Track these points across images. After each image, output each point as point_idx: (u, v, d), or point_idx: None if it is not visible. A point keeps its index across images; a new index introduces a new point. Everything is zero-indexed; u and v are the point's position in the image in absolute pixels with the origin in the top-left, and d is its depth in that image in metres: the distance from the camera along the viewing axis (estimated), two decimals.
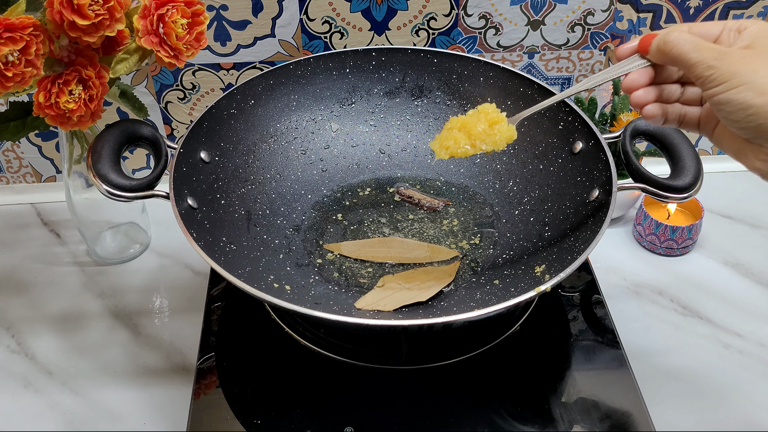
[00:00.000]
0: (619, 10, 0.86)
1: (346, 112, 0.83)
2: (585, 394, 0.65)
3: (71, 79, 0.61)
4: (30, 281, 0.85)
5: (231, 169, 0.74)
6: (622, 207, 0.90)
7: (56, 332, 0.78)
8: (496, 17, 0.86)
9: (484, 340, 0.69)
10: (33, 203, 0.96)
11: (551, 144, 0.75)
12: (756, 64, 0.47)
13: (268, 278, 0.67)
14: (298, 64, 0.80)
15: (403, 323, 0.55)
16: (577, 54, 0.90)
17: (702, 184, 0.65)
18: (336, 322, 0.55)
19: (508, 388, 0.66)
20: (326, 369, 0.67)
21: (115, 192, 0.63)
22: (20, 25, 0.56)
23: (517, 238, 0.73)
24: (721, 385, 0.71)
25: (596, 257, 0.84)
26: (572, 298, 0.75)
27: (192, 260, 0.86)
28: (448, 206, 0.79)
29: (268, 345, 0.70)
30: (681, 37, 0.51)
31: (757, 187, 0.97)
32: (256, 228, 0.73)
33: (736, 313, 0.78)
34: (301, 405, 0.64)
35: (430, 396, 0.65)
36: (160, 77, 0.89)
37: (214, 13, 0.83)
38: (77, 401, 0.71)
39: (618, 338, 0.70)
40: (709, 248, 0.87)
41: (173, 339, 0.76)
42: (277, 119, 0.79)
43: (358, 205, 0.79)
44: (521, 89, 0.77)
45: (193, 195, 0.67)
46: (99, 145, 0.65)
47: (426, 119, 0.83)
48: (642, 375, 0.69)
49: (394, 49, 0.81)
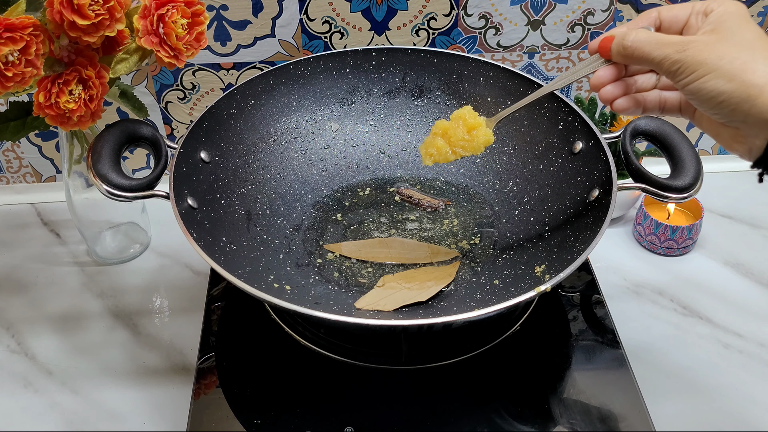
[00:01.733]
0: (619, 10, 0.86)
1: (346, 112, 0.83)
2: (585, 394, 0.65)
3: (71, 79, 0.61)
4: (30, 281, 0.85)
5: (231, 169, 0.74)
6: (622, 207, 0.90)
7: (56, 332, 0.78)
8: (496, 17, 0.86)
9: (485, 340, 0.69)
10: (33, 203, 0.96)
11: (551, 144, 0.75)
12: (721, 49, 0.47)
13: (268, 278, 0.67)
14: (298, 64, 0.80)
15: (403, 323, 0.55)
16: (577, 54, 0.90)
17: (702, 184, 0.65)
18: (336, 322, 0.55)
19: (508, 388, 0.65)
20: (326, 369, 0.67)
21: (115, 192, 0.63)
22: (20, 25, 0.56)
23: (517, 238, 0.73)
24: (720, 385, 0.71)
25: (596, 257, 0.84)
26: (572, 298, 0.75)
27: (192, 260, 0.86)
28: (448, 206, 0.79)
29: (268, 345, 0.70)
30: (638, 38, 0.51)
31: (757, 187, 0.96)
32: (256, 228, 0.73)
33: (736, 313, 0.78)
34: (301, 405, 0.64)
35: (430, 396, 0.65)
36: (160, 77, 0.89)
37: (214, 13, 0.83)
38: (77, 401, 0.71)
39: (618, 338, 0.70)
40: (709, 248, 0.87)
41: (173, 339, 0.76)
42: (277, 119, 0.79)
43: (358, 205, 0.79)
44: (521, 89, 0.77)
45: (193, 195, 0.67)
46: (99, 145, 0.65)
47: (426, 119, 0.83)
48: (642, 375, 0.69)
49: (394, 49, 0.81)
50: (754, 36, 0.47)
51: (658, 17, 0.53)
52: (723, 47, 0.47)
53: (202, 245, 0.60)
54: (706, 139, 1.00)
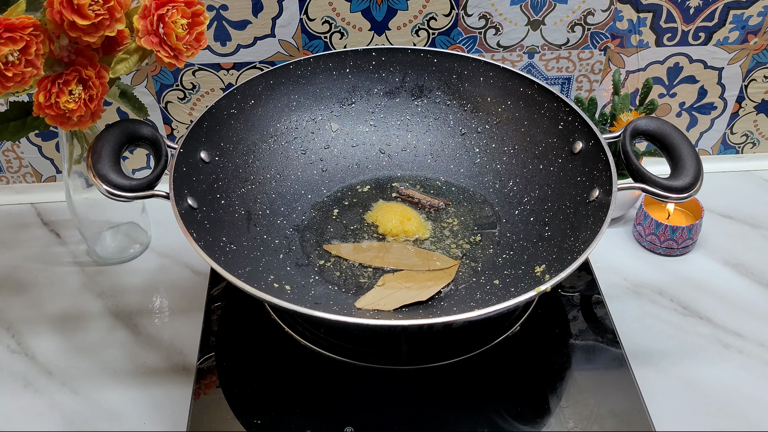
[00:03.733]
0: (619, 10, 0.86)
1: (346, 112, 0.83)
2: (585, 394, 0.65)
3: (71, 79, 0.61)
4: (30, 281, 0.85)
5: (231, 169, 0.74)
6: (622, 207, 0.90)
7: (56, 332, 0.78)
8: (496, 17, 0.86)
9: (485, 340, 0.69)
10: (33, 203, 0.96)
11: (551, 144, 0.75)
12: None
13: (268, 278, 0.67)
14: (298, 64, 0.80)
15: (403, 323, 0.55)
16: (577, 54, 0.90)
17: (702, 184, 0.65)
18: (336, 321, 0.55)
19: (508, 388, 0.65)
20: (326, 369, 0.67)
21: (115, 192, 0.63)
22: (20, 25, 0.56)
23: (517, 238, 0.73)
24: (720, 385, 0.71)
25: (596, 257, 0.84)
26: (572, 298, 0.75)
27: (192, 260, 0.86)
28: (448, 206, 0.79)
29: (268, 345, 0.70)
30: None
31: (757, 187, 0.97)
32: (256, 228, 0.73)
33: (736, 313, 0.78)
34: (301, 405, 0.64)
35: (430, 396, 0.65)
36: (160, 77, 0.89)
37: (214, 13, 0.83)
38: (77, 401, 0.71)
39: (618, 338, 0.70)
40: (709, 248, 0.87)
41: (173, 339, 0.76)
42: (277, 119, 0.79)
43: (358, 205, 0.79)
44: (521, 89, 0.77)
45: (193, 195, 0.67)
46: (99, 145, 0.65)
47: (426, 119, 0.83)
48: (642, 375, 0.69)
49: (394, 49, 0.81)
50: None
51: None
52: None
53: (202, 245, 0.60)
54: (706, 139, 1.00)
